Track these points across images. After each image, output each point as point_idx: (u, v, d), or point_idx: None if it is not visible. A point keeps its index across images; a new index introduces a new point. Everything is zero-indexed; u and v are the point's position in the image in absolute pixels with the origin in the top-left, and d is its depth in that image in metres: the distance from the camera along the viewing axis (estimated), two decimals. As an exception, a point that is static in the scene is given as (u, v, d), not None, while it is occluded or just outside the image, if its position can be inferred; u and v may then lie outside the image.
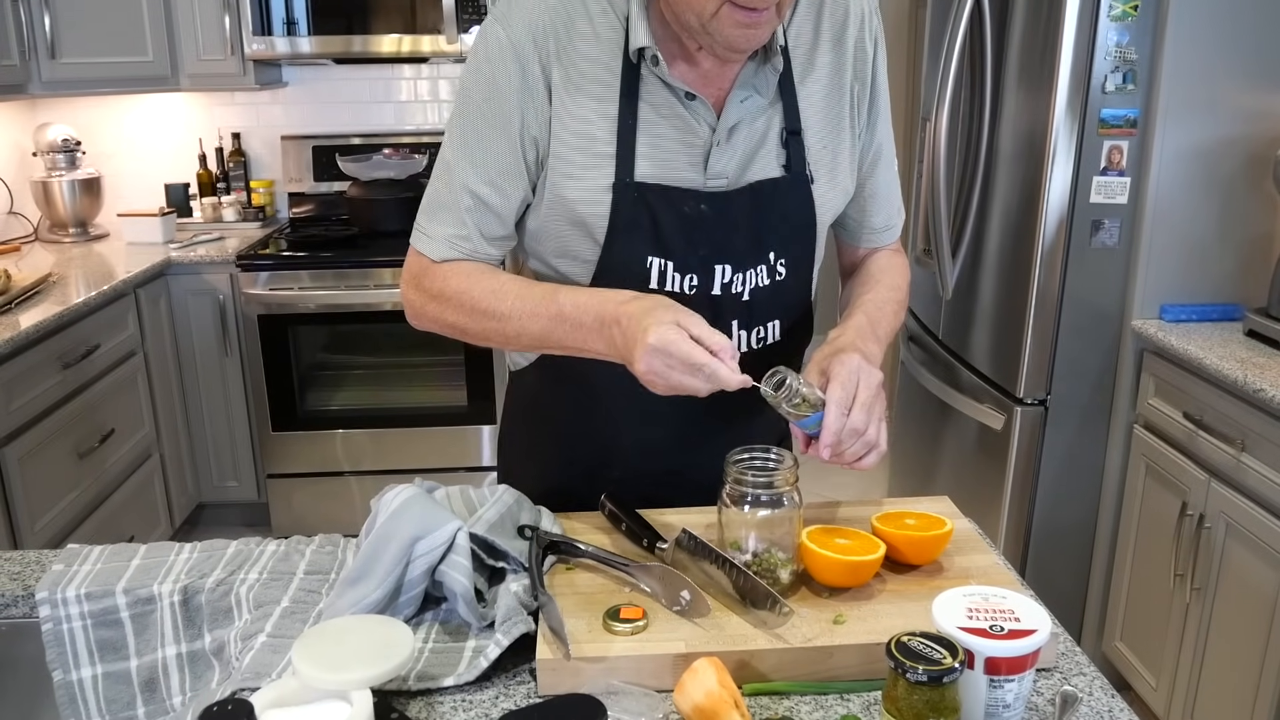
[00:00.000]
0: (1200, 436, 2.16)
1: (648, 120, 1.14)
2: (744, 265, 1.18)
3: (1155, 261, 2.35)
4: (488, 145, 1.15)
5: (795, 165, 1.19)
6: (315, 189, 3.75)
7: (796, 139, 1.19)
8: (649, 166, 1.14)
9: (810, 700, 0.93)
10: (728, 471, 1.06)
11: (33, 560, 1.19)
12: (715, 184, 1.16)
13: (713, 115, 1.15)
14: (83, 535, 2.65)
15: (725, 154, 1.16)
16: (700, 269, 1.17)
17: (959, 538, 1.14)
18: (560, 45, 1.12)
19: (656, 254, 1.15)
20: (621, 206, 1.13)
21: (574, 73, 1.13)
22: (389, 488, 1.09)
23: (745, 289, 1.19)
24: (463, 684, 0.95)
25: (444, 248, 1.17)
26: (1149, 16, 2.24)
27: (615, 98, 1.13)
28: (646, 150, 1.14)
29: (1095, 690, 0.94)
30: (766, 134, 1.18)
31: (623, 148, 1.13)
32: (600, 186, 1.13)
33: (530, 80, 1.12)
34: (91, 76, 3.24)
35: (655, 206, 1.14)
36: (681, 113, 1.14)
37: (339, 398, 3.40)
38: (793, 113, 1.18)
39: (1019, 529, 2.57)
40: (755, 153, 1.17)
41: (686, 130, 1.15)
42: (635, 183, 1.13)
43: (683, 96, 1.14)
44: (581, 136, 1.13)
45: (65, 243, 3.47)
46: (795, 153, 1.19)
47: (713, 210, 1.15)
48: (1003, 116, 2.56)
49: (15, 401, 2.41)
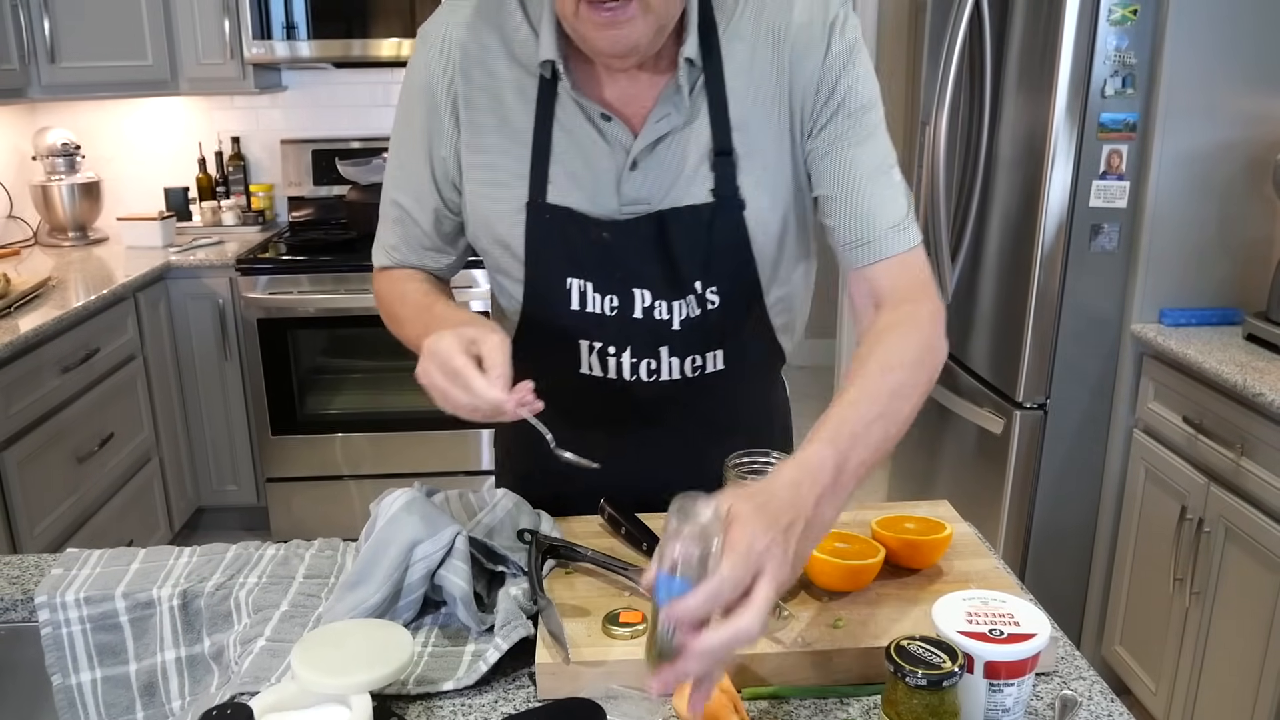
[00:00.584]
0: (1200, 440, 2.16)
1: (560, 141, 1.10)
2: (666, 294, 1.13)
3: (1155, 265, 2.35)
4: (405, 163, 1.19)
5: (723, 189, 1.10)
6: (315, 193, 3.75)
7: (726, 160, 1.10)
8: (561, 189, 1.11)
9: (810, 704, 0.92)
10: (727, 475, 1.06)
11: (32, 564, 1.19)
12: (632, 209, 1.11)
13: (629, 137, 1.09)
14: (82, 539, 2.65)
15: (641, 179, 1.10)
16: (619, 291, 1.13)
17: (958, 542, 1.14)
18: (470, 67, 1.11)
19: (574, 275, 1.13)
20: (534, 228, 1.12)
21: (486, 94, 1.11)
22: (388, 492, 1.09)
23: (674, 318, 1.14)
24: (462, 688, 0.94)
25: (381, 255, 1.26)
26: (1148, 20, 2.24)
27: (530, 117, 1.10)
28: (559, 172, 1.11)
29: (1095, 694, 0.94)
30: (689, 155, 1.10)
31: (536, 168, 1.11)
32: (515, 207, 1.12)
33: (438, 105, 1.13)
34: (91, 80, 3.25)
35: (566, 228, 1.11)
36: (593, 135, 1.10)
37: (338, 401, 3.40)
38: (723, 132, 1.09)
39: (1019, 533, 2.57)
40: (677, 176, 1.10)
41: (599, 153, 1.10)
42: (548, 204, 1.11)
43: (597, 117, 1.09)
44: (495, 157, 1.12)
45: (65, 247, 3.47)
46: (724, 175, 1.10)
47: (617, 239, 1.11)
48: (1002, 120, 2.56)
49: (14, 405, 2.40)
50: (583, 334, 1.16)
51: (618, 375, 1.17)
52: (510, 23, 1.11)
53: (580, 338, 1.16)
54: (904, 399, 0.98)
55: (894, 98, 3.87)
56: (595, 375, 1.18)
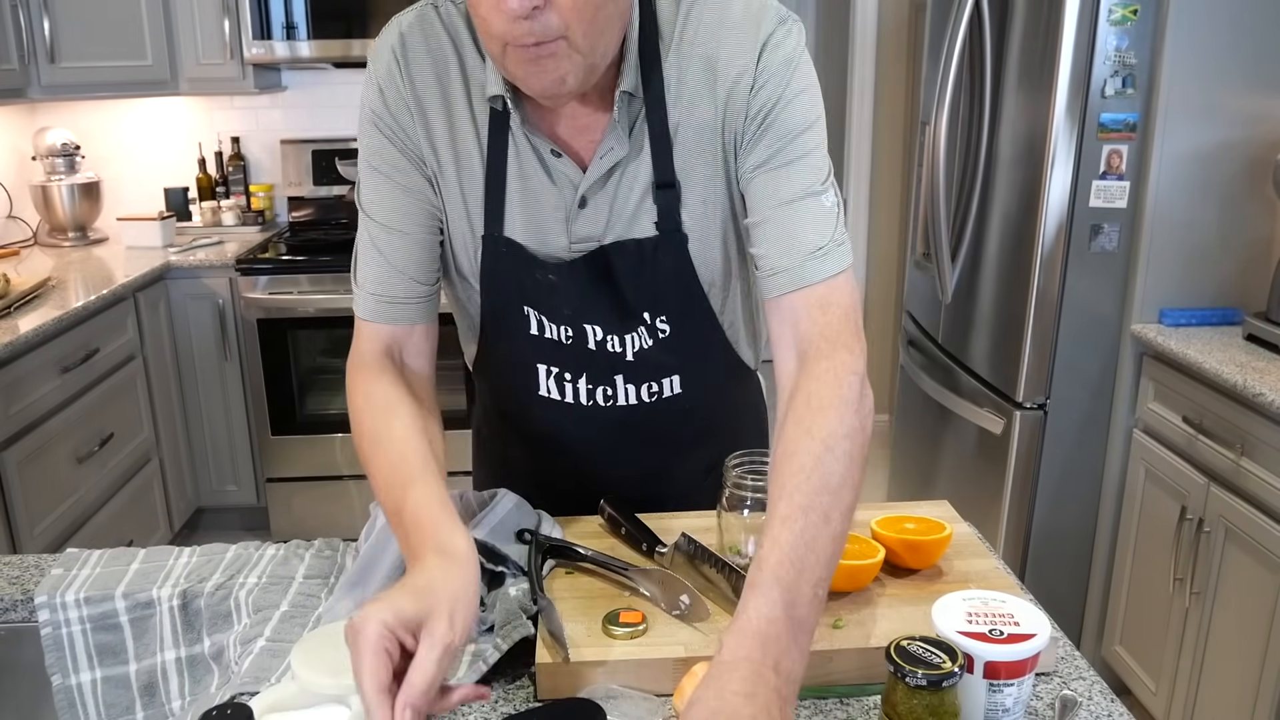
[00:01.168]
0: (1200, 441, 2.16)
1: (513, 177, 1.08)
2: (616, 329, 1.13)
3: (1155, 265, 2.35)
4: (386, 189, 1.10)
5: (666, 222, 1.08)
6: (315, 193, 3.75)
7: (669, 192, 1.07)
8: (514, 224, 1.10)
9: (809, 705, 0.92)
10: (727, 476, 1.06)
11: (32, 564, 1.19)
12: (581, 247, 1.10)
13: (578, 174, 1.07)
14: (82, 539, 2.65)
15: (590, 216, 1.09)
16: (571, 324, 1.13)
17: (958, 542, 1.14)
18: (428, 98, 1.07)
19: (530, 305, 1.13)
20: (489, 260, 1.11)
21: (445, 125, 1.08)
22: (388, 492, 1.09)
23: (626, 350, 1.14)
24: (462, 688, 0.94)
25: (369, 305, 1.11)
26: (1148, 20, 2.24)
27: (483, 148, 1.08)
28: (513, 206, 1.09)
29: (1094, 694, 0.94)
30: (633, 188, 1.08)
31: (491, 201, 1.09)
32: (472, 238, 1.11)
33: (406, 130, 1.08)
34: (91, 80, 3.25)
35: (519, 263, 1.11)
36: (542, 174, 1.08)
37: (338, 402, 3.40)
38: (664, 164, 1.07)
39: (1018, 533, 2.57)
40: (624, 209, 1.09)
41: (549, 194, 1.08)
42: (503, 237, 1.10)
43: (547, 154, 1.07)
44: (454, 187, 1.09)
45: (64, 247, 3.48)
46: (667, 207, 1.08)
47: (562, 280, 1.10)
48: (1002, 120, 2.56)
49: (14, 406, 2.40)
50: (540, 358, 1.17)
51: (574, 400, 1.18)
52: (465, 47, 1.07)
53: (538, 361, 1.17)
54: (846, 486, 0.89)
55: (894, 98, 3.86)
56: (553, 398, 1.19)
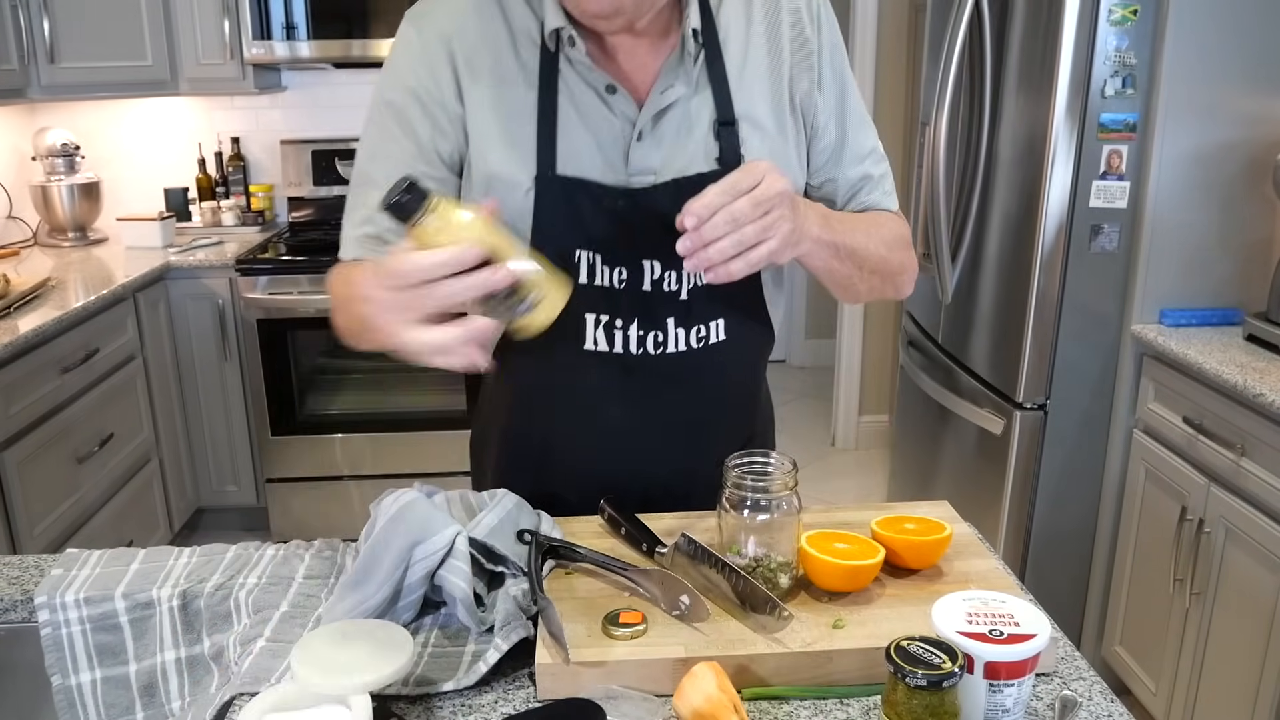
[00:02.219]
0: (1200, 441, 2.16)
1: (567, 113, 1.11)
2: (675, 263, 1.12)
3: (1155, 266, 2.36)
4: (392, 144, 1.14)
5: (728, 158, 1.13)
6: (314, 193, 3.75)
7: (730, 130, 1.13)
8: (570, 160, 1.12)
9: (810, 705, 0.92)
10: (727, 476, 1.06)
11: (31, 565, 1.19)
12: (640, 180, 1.13)
13: (634, 109, 1.12)
14: (81, 540, 2.65)
15: (648, 149, 1.12)
16: (629, 263, 1.14)
17: (958, 542, 1.14)
18: (472, 45, 1.11)
19: (584, 247, 1.13)
20: (544, 200, 1.12)
21: (488, 72, 1.11)
22: (388, 492, 1.09)
23: (682, 287, 1.16)
24: (462, 688, 0.94)
25: (352, 246, 1.15)
26: (1148, 21, 2.24)
27: (534, 90, 1.11)
28: (567, 144, 1.12)
29: (1094, 695, 0.94)
30: (694, 126, 1.13)
31: (543, 141, 1.11)
32: (523, 180, 1.12)
33: (439, 83, 1.12)
34: (91, 81, 3.25)
35: (578, 200, 1.11)
36: (600, 106, 1.12)
37: (338, 402, 3.40)
38: (725, 103, 1.13)
39: (1019, 533, 2.57)
40: (683, 146, 1.13)
41: (606, 124, 1.12)
42: (557, 176, 1.11)
43: (602, 90, 1.11)
44: (500, 132, 1.12)
45: (64, 247, 3.47)
46: (728, 145, 1.13)
47: (633, 207, 1.12)
48: (1002, 121, 2.56)
49: (14, 406, 2.40)
50: (589, 308, 1.15)
51: (624, 349, 1.17)
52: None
53: (586, 311, 1.15)
54: (879, 243, 1.16)
55: (894, 98, 3.86)
56: (599, 351, 1.17)
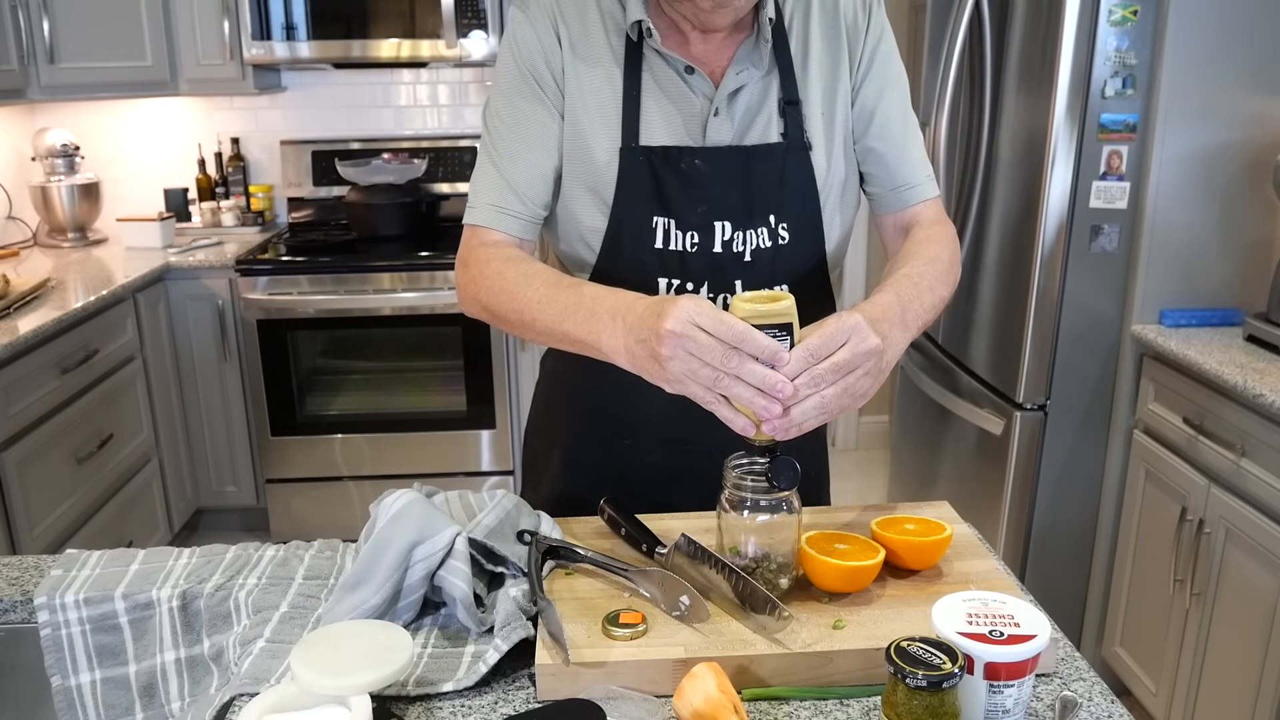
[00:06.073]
0: (1200, 441, 2.16)
1: (650, 91, 1.23)
2: (743, 224, 1.23)
3: (1155, 266, 2.36)
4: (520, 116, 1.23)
5: (793, 133, 1.24)
6: (314, 194, 3.75)
7: (794, 108, 1.24)
8: (652, 131, 1.22)
9: (810, 705, 0.92)
10: (726, 476, 1.06)
11: (31, 565, 1.19)
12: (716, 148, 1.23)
13: (710, 88, 1.22)
14: (81, 540, 2.65)
15: (723, 122, 1.22)
16: (700, 226, 1.22)
17: (958, 543, 1.14)
18: (572, 29, 1.23)
19: (660, 213, 1.22)
20: (628, 170, 1.22)
21: (584, 52, 1.23)
22: (388, 493, 1.09)
23: (746, 249, 1.23)
24: (462, 689, 0.94)
25: (486, 213, 1.23)
26: (1148, 21, 2.24)
27: (620, 69, 1.23)
28: (650, 118, 1.22)
29: (1095, 695, 0.94)
30: (763, 104, 1.24)
31: (628, 116, 1.22)
32: (609, 153, 1.22)
33: (550, 61, 1.23)
34: (90, 81, 3.25)
35: (657, 167, 1.22)
36: (680, 84, 1.22)
37: (338, 402, 3.40)
38: (790, 84, 1.24)
39: (1019, 534, 2.57)
40: (753, 121, 1.24)
41: (685, 100, 1.23)
42: (641, 146, 1.22)
43: (682, 70, 1.22)
44: (592, 109, 1.23)
45: (64, 247, 3.47)
46: (793, 121, 1.24)
47: (708, 165, 1.21)
48: (1002, 121, 2.56)
49: (14, 406, 2.40)
50: (662, 272, 1.23)
51: None
52: None
53: (660, 276, 1.23)
54: (943, 284, 1.19)
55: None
56: None
